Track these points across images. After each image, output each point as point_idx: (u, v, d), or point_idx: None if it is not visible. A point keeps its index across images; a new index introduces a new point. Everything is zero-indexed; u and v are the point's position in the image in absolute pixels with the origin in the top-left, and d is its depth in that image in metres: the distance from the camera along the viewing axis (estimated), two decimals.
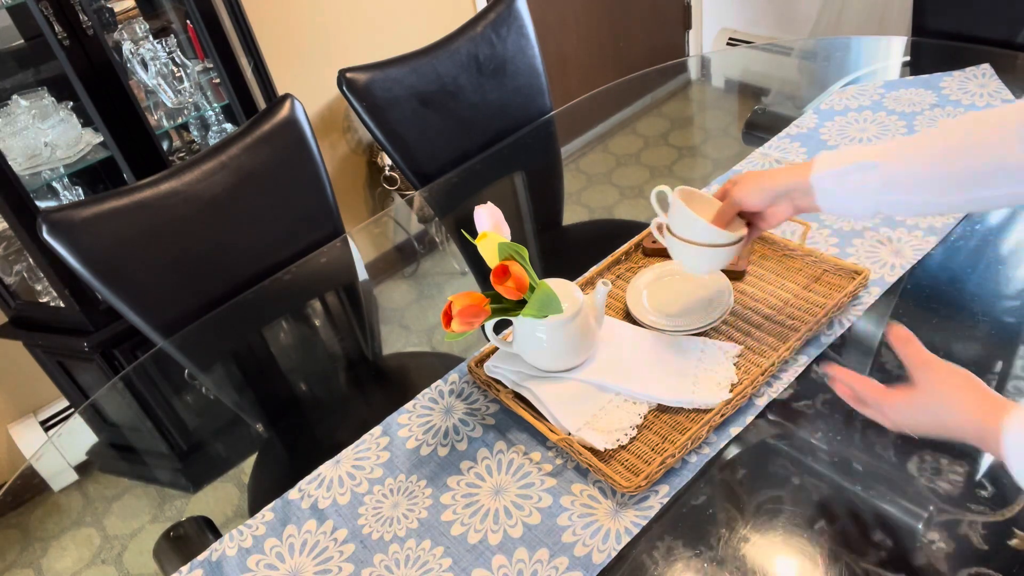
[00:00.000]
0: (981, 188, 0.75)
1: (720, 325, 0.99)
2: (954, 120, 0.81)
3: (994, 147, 0.73)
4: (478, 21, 1.57)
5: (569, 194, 1.51)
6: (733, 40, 3.12)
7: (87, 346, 1.76)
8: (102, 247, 1.17)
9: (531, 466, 0.87)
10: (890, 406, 0.70)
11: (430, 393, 1.00)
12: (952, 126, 0.77)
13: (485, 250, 0.88)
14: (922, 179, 0.77)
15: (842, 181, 0.81)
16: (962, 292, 0.98)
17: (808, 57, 1.77)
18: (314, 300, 1.34)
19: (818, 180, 0.83)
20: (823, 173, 0.82)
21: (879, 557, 0.72)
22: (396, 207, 2.16)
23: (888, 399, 0.70)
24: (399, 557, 0.81)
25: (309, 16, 2.17)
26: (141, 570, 0.94)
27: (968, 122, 0.77)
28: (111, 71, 1.62)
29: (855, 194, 0.81)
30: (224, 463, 1.08)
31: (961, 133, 0.76)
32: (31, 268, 1.84)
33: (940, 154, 0.76)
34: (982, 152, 0.74)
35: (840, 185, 0.82)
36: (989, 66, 1.41)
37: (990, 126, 0.74)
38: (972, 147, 0.75)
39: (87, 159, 1.73)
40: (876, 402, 0.71)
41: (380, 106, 1.46)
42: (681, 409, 0.88)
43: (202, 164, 1.27)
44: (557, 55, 2.86)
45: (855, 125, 1.35)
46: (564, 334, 0.91)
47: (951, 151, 0.76)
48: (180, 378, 1.23)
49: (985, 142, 0.74)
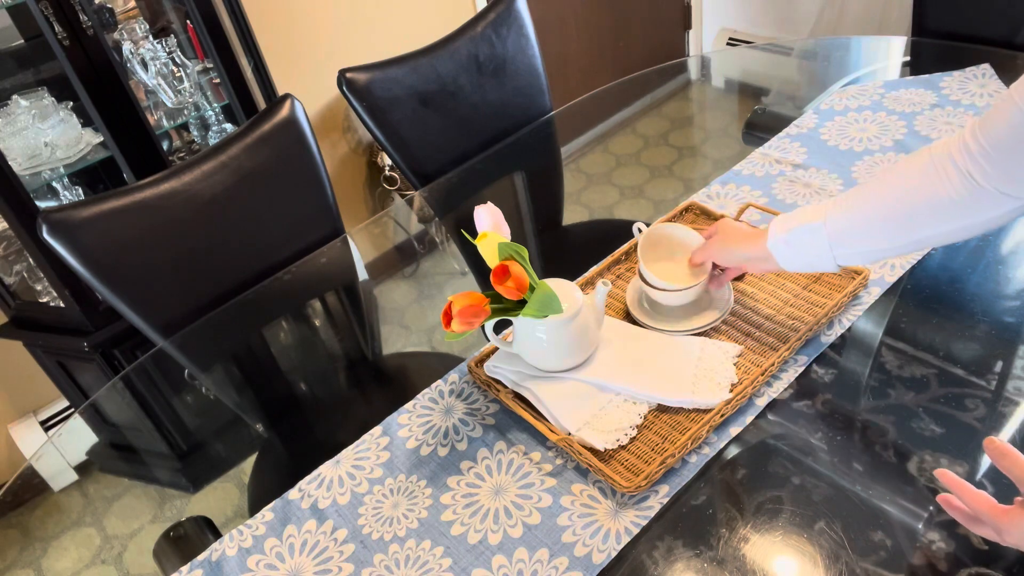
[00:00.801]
0: (922, 228, 0.77)
1: (720, 325, 0.99)
2: (888, 167, 0.85)
3: (927, 188, 0.75)
4: (478, 21, 1.57)
5: (569, 194, 1.51)
6: (733, 40, 3.12)
7: (87, 346, 1.76)
8: (102, 247, 1.17)
9: (531, 466, 0.87)
10: (1008, 524, 0.63)
11: (430, 393, 1.00)
12: (886, 174, 0.81)
13: (485, 250, 0.88)
14: (865, 230, 0.81)
15: (793, 245, 0.86)
16: (962, 292, 0.98)
17: (808, 57, 1.78)
18: (314, 300, 1.34)
19: (773, 247, 0.88)
20: (775, 240, 0.87)
21: (879, 557, 0.72)
22: (396, 207, 2.16)
23: (1006, 518, 0.63)
24: (399, 557, 0.81)
25: (309, 16, 2.17)
26: (141, 570, 0.94)
27: (899, 167, 0.79)
28: (111, 71, 1.62)
29: (809, 254, 0.85)
30: (224, 463, 1.08)
31: (894, 179, 0.79)
32: (31, 268, 1.84)
33: (878, 203, 0.79)
34: (915, 195, 0.76)
35: (792, 248, 0.86)
36: (989, 66, 1.41)
37: (919, 168, 0.77)
38: (906, 191, 0.77)
39: (87, 159, 1.73)
40: (993, 520, 0.64)
41: (380, 106, 1.46)
42: (681, 409, 0.88)
43: (202, 164, 1.27)
44: (557, 55, 2.86)
45: (855, 125, 1.35)
46: (564, 334, 0.91)
47: (887, 198, 0.79)
48: (180, 378, 1.23)
49: (917, 184, 0.76)
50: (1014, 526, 0.63)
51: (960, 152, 0.73)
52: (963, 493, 0.66)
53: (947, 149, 0.74)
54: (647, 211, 1.41)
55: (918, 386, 0.87)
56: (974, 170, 0.71)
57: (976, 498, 0.65)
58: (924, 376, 0.88)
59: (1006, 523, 0.63)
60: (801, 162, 1.29)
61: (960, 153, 0.73)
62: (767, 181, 1.26)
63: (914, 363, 0.90)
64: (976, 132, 0.71)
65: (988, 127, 0.70)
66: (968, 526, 0.68)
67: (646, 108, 1.70)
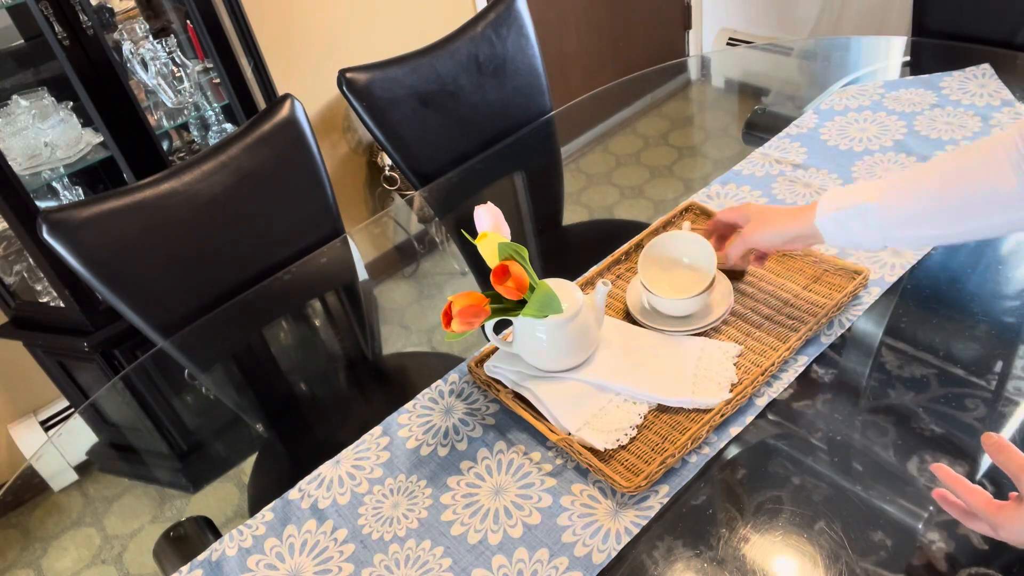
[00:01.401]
0: (976, 219, 0.77)
1: (720, 325, 0.99)
2: (947, 154, 0.83)
3: (986, 178, 0.75)
4: (478, 21, 1.57)
5: (569, 194, 1.51)
6: (733, 40, 3.12)
7: (87, 346, 1.76)
8: (102, 247, 1.17)
9: (531, 466, 0.87)
10: (1003, 519, 0.63)
11: (430, 393, 1.00)
12: (945, 160, 0.80)
13: (485, 250, 0.88)
14: (919, 215, 0.80)
15: (843, 225, 0.86)
16: (962, 292, 0.98)
17: (808, 57, 1.78)
18: (314, 300, 1.34)
19: (822, 224, 0.87)
20: (825, 218, 0.87)
21: (879, 557, 0.72)
22: (396, 207, 2.16)
23: (1001, 514, 0.63)
24: (399, 557, 0.81)
25: (309, 16, 2.17)
26: (141, 570, 0.94)
27: (960, 155, 0.79)
28: (111, 71, 1.62)
29: (857, 233, 0.85)
30: (224, 463, 1.08)
31: (954, 166, 0.79)
32: (31, 268, 1.84)
33: (935, 189, 0.79)
34: (974, 183, 0.76)
35: (842, 228, 0.86)
36: (989, 66, 1.41)
37: (980, 157, 0.77)
38: (965, 179, 0.77)
39: (87, 159, 1.73)
40: (988, 516, 0.64)
41: (380, 106, 1.46)
42: (681, 409, 0.88)
43: (202, 164, 1.27)
44: (557, 55, 2.86)
45: (855, 125, 1.35)
46: (564, 334, 0.91)
47: (945, 185, 0.78)
48: (180, 378, 1.23)
49: (977, 173, 0.76)
50: (1009, 520, 0.63)
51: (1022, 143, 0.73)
52: (959, 488, 0.66)
53: (1011, 140, 0.74)
54: (647, 211, 1.41)
55: (918, 386, 0.87)
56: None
57: (972, 493, 0.65)
58: (924, 376, 0.88)
59: (1001, 518, 0.63)
60: (801, 162, 1.29)
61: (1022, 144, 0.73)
62: (767, 181, 1.26)
63: (914, 363, 0.90)
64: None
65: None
66: (963, 521, 0.68)
67: (646, 108, 1.70)
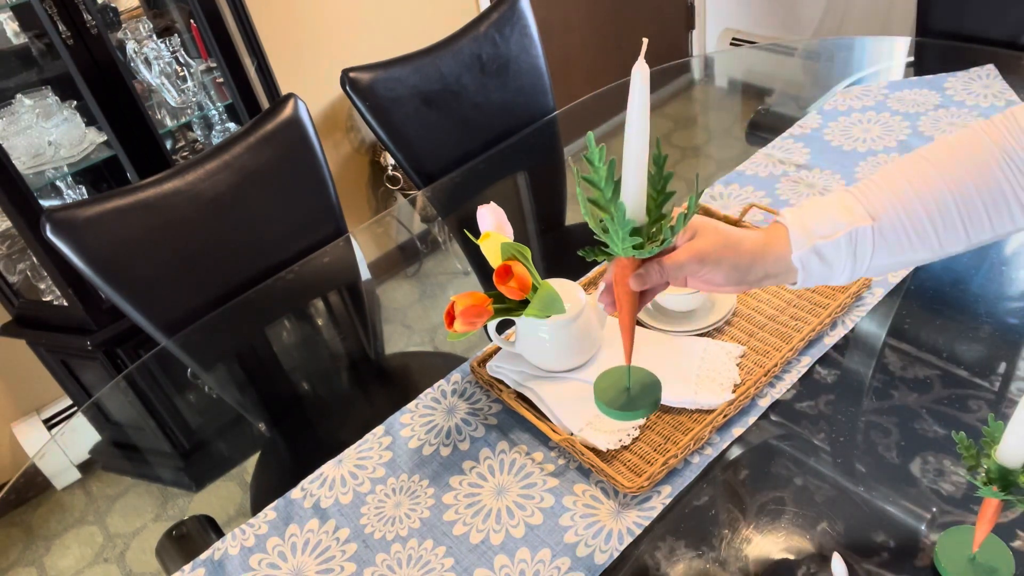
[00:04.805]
0: (983, 231, 0.63)
1: (723, 326, 0.98)
2: (920, 156, 0.66)
3: (983, 184, 0.62)
4: (481, 21, 1.57)
5: (572, 194, 1.51)
6: (736, 40, 3.11)
7: (90, 345, 1.76)
8: (105, 246, 1.17)
9: (533, 466, 0.87)
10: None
11: (432, 393, 1.00)
12: (924, 162, 0.65)
13: (488, 250, 0.88)
14: (914, 236, 0.64)
15: (828, 259, 0.65)
16: (966, 293, 0.98)
17: (812, 57, 1.77)
18: (317, 299, 1.34)
19: (804, 261, 0.65)
20: (807, 252, 0.65)
21: (882, 558, 0.72)
22: (399, 207, 2.16)
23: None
24: (401, 557, 0.81)
25: (312, 16, 2.17)
26: (144, 569, 0.94)
27: (942, 156, 0.64)
28: (115, 70, 1.62)
29: (840, 268, 0.66)
30: (227, 462, 1.08)
31: (945, 170, 0.63)
32: (34, 267, 1.85)
33: (931, 198, 0.63)
34: (973, 190, 0.62)
35: (825, 263, 0.65)
36: (993, 67, 1.41)
37: (968, 160, 0.63)
38: (961, 189, 0.62)
39: (91, 158, 1.73)
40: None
41: (383, 106, 1.46)
42: (684, 410, 0.88)
43: (205, 163, 1.27)
44: (560, 55, 2.86)
45: (859, 126, 1.35)
46: (567, 334, 0.91)
47: (941, 196, 0.63)
48: (183, 377, 1.23)
49: (970, 179, 0.62)
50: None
51: None
52: None
53: (996, 145, 0.62)
54: None
55: (921, 387, 0.87)
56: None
57: None
58: (927, 377, 0.88)
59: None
60: (804, 162, 1.29)
61: None
62: (770, 182, 1.26)
63: (917, 364, 0.90)
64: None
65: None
66: None
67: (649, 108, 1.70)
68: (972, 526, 0.68)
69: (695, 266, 0.64)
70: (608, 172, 0.60)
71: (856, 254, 0.64)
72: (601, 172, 0.60)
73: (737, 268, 0.65)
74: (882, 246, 0.64)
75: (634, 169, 0.58)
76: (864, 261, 0.65)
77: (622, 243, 0.60)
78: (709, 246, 0.65)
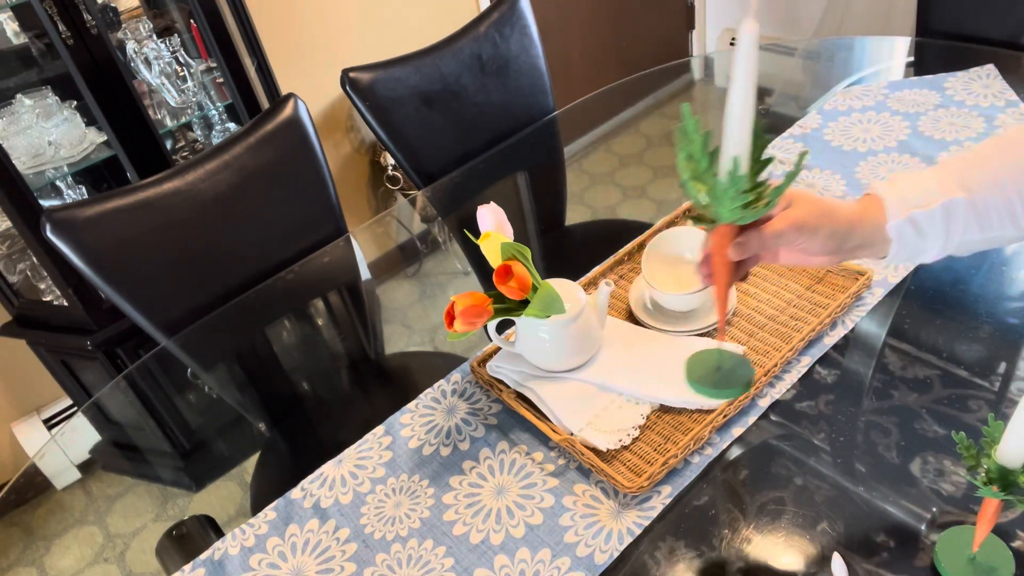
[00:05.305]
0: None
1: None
2: (1001, 137, 0.67)
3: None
4: (481, 21, 1.57)
5: (572, 194, 1.51)
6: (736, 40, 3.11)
7: (90, 345, 1.76)
8: (105, 246, 1.17)
9: (533, 466, 0.87)
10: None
11: (432, 393, 1.00)
12: (1012, 143, 0.66)
13: (488, 250, 0.88)
14: (1004, 210, 0.65)
15: (923, 231, 0.66)
16: (966, 293, 0.98)
17: (812, 57, 1.77)
18: (317, 299, 1.34)
19: (899, 231, 0.66)
20: (903, 221, 0.65)
21: (882, 558, 0.72)
22: (399, 207, 2.16)
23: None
24: (401, 557, 0.81)
25: (312, 16, 2.17)
26: (143, 569, 0.94)
27: None
28: (115, 70, 1.62)
29: (932, 241, 0.66)
30: (227, 462, 1.08)
31: None
32: (34, 267, 1.85)
33: (1018, 176, 0.64)
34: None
35: (920, 235, 0.66)
36: (993, 67, 1.41)
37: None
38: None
39: (91, 158, 1.73)
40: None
41: (383, 106, 1.46)
42: (684, 409, 0.88)
43: (205, 163, 1.27)
44: (560, 55, 2.86)
45: (859, 126, 1.35)
46: (567, 334, 0.91)
47: None
48: (183, 377, 1.23)
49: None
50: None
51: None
52: None
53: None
54: (650, 211, 1.41)
55: (921, 387, 0.87)
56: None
57: None
58: (927, 377, 0.88)
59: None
60: (804, 163, 1.28)
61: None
62: None
63: (917, 364, 0.90)
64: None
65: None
66: None
67: (649, 108, 1.70)
68: (972, 526, 0.68)
69: (794, 234, 0.65)
70: (703, 142, 0.61)
71: (949, 227, 0.65)
72: (696, 142, 0.61)
73: (834, 236, 0.66)
74: (973, 220, 0.65)
75: (737, 129, 0.59)
76: (956, 235, 0.65)
77: (731, 203, 0.60)
78: (806, 214, 0.65)
